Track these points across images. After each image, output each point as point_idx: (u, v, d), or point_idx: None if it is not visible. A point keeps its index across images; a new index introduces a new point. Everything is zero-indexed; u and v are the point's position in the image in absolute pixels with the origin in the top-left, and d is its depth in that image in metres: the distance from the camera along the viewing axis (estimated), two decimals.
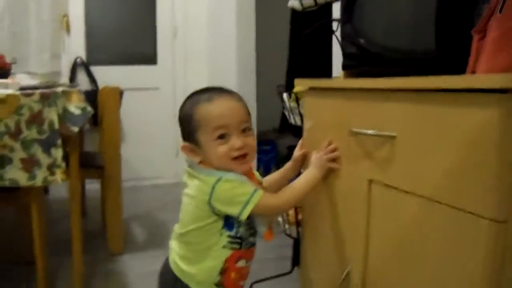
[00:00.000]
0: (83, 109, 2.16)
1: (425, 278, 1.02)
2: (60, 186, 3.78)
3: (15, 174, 2.02)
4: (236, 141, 1.28)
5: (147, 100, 4.58)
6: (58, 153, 2.05)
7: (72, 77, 4.26)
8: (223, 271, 1.33)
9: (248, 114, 1.36)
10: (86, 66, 4.30)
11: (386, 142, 1.12)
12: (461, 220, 0.92)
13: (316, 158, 1.40)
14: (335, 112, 1.37)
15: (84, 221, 3.54)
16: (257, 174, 1.47)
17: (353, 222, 1.28)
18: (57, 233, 3.09)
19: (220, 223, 1.30)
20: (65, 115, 2.10)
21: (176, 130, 4.72)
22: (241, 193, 1.25)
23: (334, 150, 1.39)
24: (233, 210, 1.26)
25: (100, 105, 2.97)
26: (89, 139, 3.94)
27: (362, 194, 1.22)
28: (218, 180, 1.26)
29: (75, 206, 2.31)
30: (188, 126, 1.34)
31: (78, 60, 4.29)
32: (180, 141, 1.38)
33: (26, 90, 2.06)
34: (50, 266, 2.52)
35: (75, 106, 2.15)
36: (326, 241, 1.46)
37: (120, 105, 2.96)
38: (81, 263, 2.35)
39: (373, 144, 1.17)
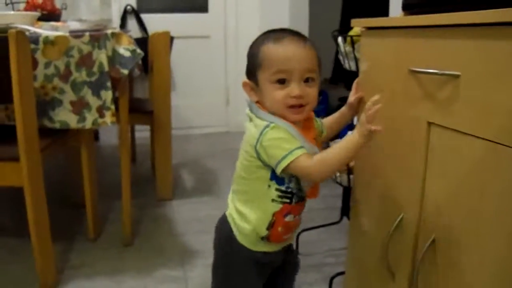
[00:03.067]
0: (133, 52, 2.13)
1: (486, 225, 0.96)
2: (110, 132, 3.85)
3: (65, 117, 2.03)
4: (294, 89, 1.20)
5: (197, 48, 4.53)
6: (107, 95, 2.04)
7: (123, 25, 4.25)
8: (270, 225, 1.29)
9: (317, 65, 1.26)
10: (136, 13, 4.27)
11: (449, 81, 1.04)
12: None
13: (358, 122, 1.18)
14: (393, 52, 1.29)
15: (134, 167, 3.59)
16: (318, 122, 1.42)
17: (409, 166, 1.22)
18: (107, 178, 3.14)
19: (267, 173, 1.24)
20: (114, 57, 2.08)
21: (226, 79, 4.73)
22: (282, 147, 1.18)
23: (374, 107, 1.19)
24: (271, 161, 1.20)
25: (151, 51, 2.94)
26: (140, 87, 3.95)
27: (420, 137, 1.15)
28: (267, 126, 1.20)
29: (125, 150, 2.31)
30: (252, 63, 1.27)
31: (128, 8, 4.27)
32: (230, 90, 1.52)
33: (75, 33, 2.04)
34: (100, 209, 2.58)
35: (125, 48, 2.12)
36: (379, 187, 1.40)
37: (170, 51, 2.94)
38: (129, 206, 2.36)
39: (434, 85, 1.09)
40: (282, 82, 1.21)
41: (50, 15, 2.90)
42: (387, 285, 1.36)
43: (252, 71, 1.27)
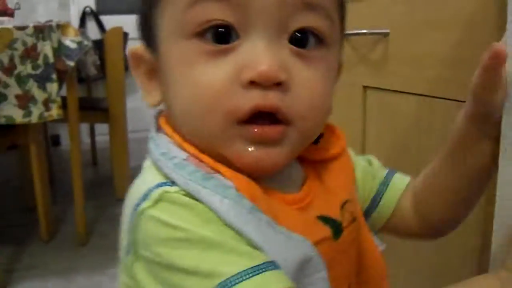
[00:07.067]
0: (79, 43, 2.08)
1: None
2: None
3: (11, 111, 1.96)
4: (258, 55, 0.45)
5: None
6: (53, 87, 1.97)
7: (82, 27, 4.18)
8: None
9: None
10: (95, 15, 4.21)
11: (379, 41, 1.01)
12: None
13: None
14: None
15: (95, 170, 3.52)
16: (375, 172, 0.66)
17: (349, 132, 1.18)
18: (66, 181, 3.06)
19: None
20: (60, 49, 2.02)
21: None
22: (198, 270, 0.42)
23: None
24: None
25: (105, 48, 2.89)
26: (101, 88, 3.87)
27: (357, 101, 1.12)
28: (146, 195, 0.46)
29: (75, 147, 2.25)
30: None
31: (87, 9, 4.20)
32: None
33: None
34: (58, 211, 2.53)
35: (71, 40, 2.07)
36: None
37: (125, 47, 2.89)
38: (82, 205, 2.30)
39: (366, 46, 1.07)
40: (220, 36, 0.46)
41: (1, 14, 2.83)
42: None
43: (144, 15, 0.54)
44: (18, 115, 1.97)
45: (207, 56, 0.46)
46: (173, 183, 0.46)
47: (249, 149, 0.46)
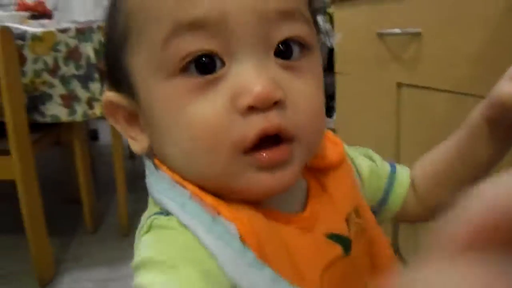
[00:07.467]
0: None
1: None
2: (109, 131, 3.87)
3: (56, 110, 2.05)
4: (250, 78, 0.43)
5: None
6: (96, 87, 2.06)
7: None
8: None
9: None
10: None
11: (413, 40, 1.06)
12: None
13: None
14: (362, 19, 1.31)
15: (133, 163, 3.60)
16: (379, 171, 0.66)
17: (383, 128, 1.24)
18: (107, 175, 3.16)
19: None
20: (101, 49, 2.10)
21: None
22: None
23: None
24: None
25: None
26: None
27: (391, 98, 1.17)
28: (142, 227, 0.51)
29: (117, 143, 2.34)
30: (112, 37, 0.51)
31: None
32: None
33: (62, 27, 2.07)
34: (101, 203, 2.61)
35: None
36: None
37: None
38: (124, 198, 2.39)
39: (400, 45, 1.12)
40: (204, 66, 0.44)
41: (41, 16, 2.93)
42: None
43: (112, 57, 0.51)
44: (63, 114, 2.06)
45: (196, 91, 0.43)
46: (167, 214, 0.46)
47: (261, 176, 0.44)
